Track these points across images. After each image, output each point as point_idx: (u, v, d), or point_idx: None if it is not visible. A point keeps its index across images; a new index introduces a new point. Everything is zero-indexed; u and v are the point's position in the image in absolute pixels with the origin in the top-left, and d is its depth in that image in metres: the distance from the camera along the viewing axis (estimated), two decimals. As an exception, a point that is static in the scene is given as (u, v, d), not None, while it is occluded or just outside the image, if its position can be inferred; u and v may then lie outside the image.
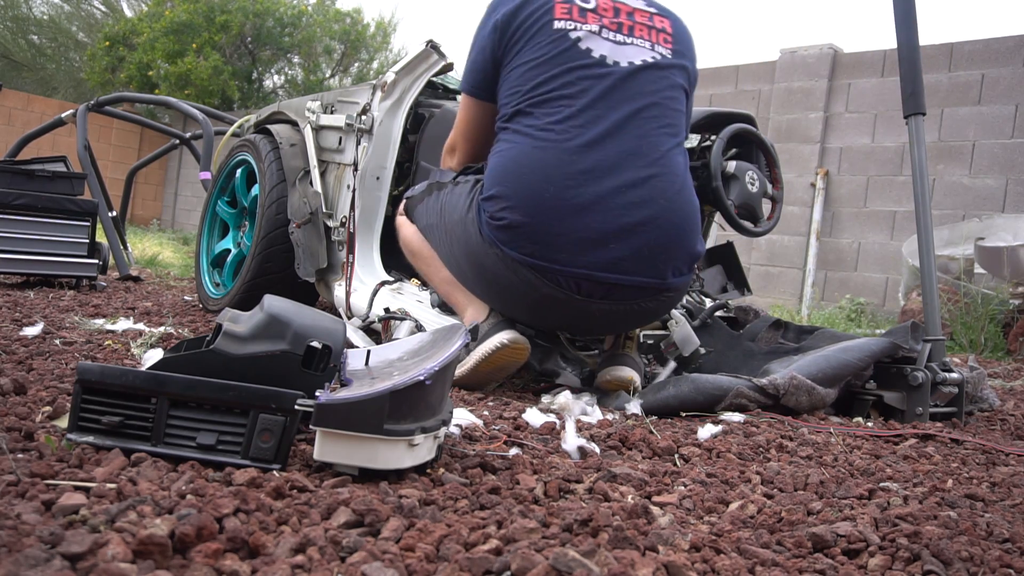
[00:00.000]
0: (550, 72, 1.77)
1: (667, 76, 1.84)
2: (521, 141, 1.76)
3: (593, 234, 1.70)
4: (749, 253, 6.18)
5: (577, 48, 1.78)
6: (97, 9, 14.43)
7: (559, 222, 1.70)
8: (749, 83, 6.48)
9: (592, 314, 1.79)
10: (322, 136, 2.65)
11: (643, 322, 1.94)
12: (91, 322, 2.34)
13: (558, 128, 1.73)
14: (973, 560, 0.91)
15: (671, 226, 1.76)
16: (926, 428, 1.77)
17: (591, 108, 1.74)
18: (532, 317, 1.86)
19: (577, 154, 1.71)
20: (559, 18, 1.81)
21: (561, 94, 1.75)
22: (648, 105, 1.79)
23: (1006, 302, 4.16)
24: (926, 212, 2.07)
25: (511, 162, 1.75)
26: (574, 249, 1.70)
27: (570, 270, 1.71)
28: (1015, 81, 5.15)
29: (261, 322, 1.15)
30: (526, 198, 1.71)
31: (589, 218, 1.70)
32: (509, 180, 1.74)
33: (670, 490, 1.15)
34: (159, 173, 11.87)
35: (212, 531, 0.77)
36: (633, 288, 1.76)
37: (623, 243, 1.71)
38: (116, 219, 4.56)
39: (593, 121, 1.73)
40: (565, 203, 1.69)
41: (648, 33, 1.87)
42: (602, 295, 1.75)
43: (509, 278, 1.76)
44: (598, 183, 1.71)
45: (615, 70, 1.78)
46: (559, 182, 1.70)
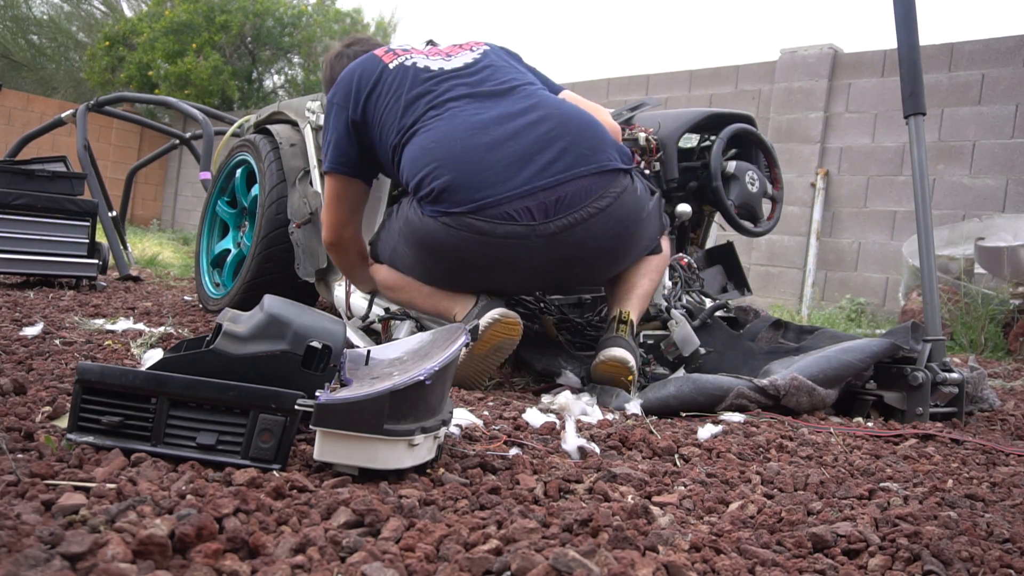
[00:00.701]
0: (408, 95, 1.95)
1: (497, 60, 2.04)
2: (420, 138, 1.89)
3: (514, 157, 1.81)
4: (749, 253, 6.17)
5: (416, 68, 2.00)
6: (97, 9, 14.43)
7: (480, 161, 1.80)
8: (749, 83, 6.48)
9: (557, 242, 1.81)
10: (322, 136, 2.65)
11: (612, 254, 1.94)
12: (91, 322, 2.34)
13: (445, 118, 1.88)
14: (973, 560, 0.91)
15: (576, 122, 1.89)
16: (926, 428, 1.77)
17: (461, 98, 1.91)
18: (512, 276, 1.88)
19: (468, 123, 1.86)
20: (388, 62, 2.04)
21: (429, 103, 1.92)
22: (503, 79, 1.97)
23: (1006, 302, 4.16)
24: (926, 212, 2.07)
25: (418, 150, 1.87)
26: (506, 175, 1.79)
27: (510, 194, 1.78)
28: (1015, 81, 5.15)
29: (261, 322, 1.15)
30: (444, 160, 1.83)
31: (504, 148, 1.82)
32: (420, 160, 1.86)
33: (670, 490, 1.15)
34: (159, 173, 11.87)
35: (212, 531, 0.77)
36: (576, 184, 1.81)
37: (545, 151, 1.82)
38: (116, 219, 4.56)
39: (470, 100, 1.91)
40: (477, 146, 1.82)
41: (462, 47, 2.10)
42: (556, 211, 1.79)
43: (471, 245, 1.80)
44: (497, 127, 1.85)
45: (455, 72, 1.99)
46: (465, 137, 1.83)
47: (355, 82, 2.02)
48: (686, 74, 6.75)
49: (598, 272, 2.01)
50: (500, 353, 1.85)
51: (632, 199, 1.89)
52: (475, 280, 1.90)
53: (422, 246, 1.89)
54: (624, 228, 1.90)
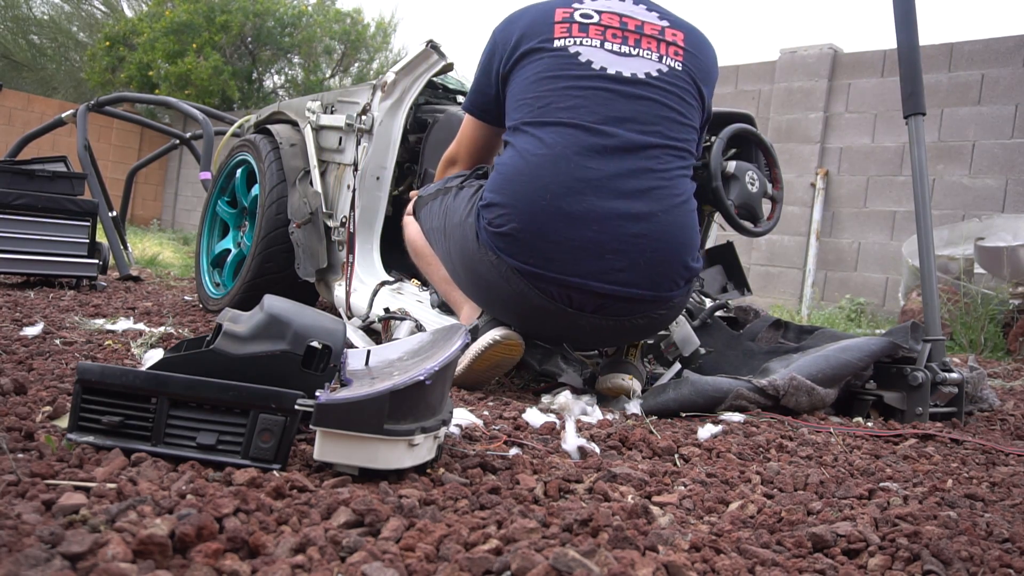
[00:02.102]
0: (550, 86, 1.76)
1: (675, 88, 1.80)
2: (522, 151, 1.75)
3: (589, 244, 1.69)
4: (749, 253, 6.17)
5: (576, 61, 1.77)
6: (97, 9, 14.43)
7: (555, 231, 1.69)
8: (749, 83, 6.48)
9: (582, 327, 1.78)
10: (322, 136, 2.65)
11: (633, 338, 1.94)
12: (91, 322, 2.34)
13: (558, 140, 1.72)
14: (973, 560, 0.91)
15: (669, 239, 1.73)
16: (926, 428, 1.77)
17: (592, 120, 1.72)
18: (523, 326, 1.85)
19: (576, 165, 1.69)
20: (558, 37, 1.80)
21: (561, 106, 1.74)
22: (652, 118, 1.75)
23: (1006, 302, 4.16)
24: (926, 212, 2.07)
25: (511, 171, 1.75)
26: (568, 258, 1.69)
27: (563, 278, 1.70)
28: (1015, 81, 5.15)
29: (261, 322, 1.15)
30: (523, 207, 1.70)
31: (586, 228, 1.68)
32: (508, 189, 1.73)
33: (670, 490, 1.15)
34: (159, 173, 11.87)
35: (212, 531, 0.77)
36: (626, 301, 1.74)
37: (620, 255, 1.70)
38: (116, 219, 4.56)
39: (593, 133, 1.71)
40: (562, 212, 1.68)
41: (656, 45, 1.83)
42: (593, 308, 1.74)
43: (501, 286, 1.76)
44: (596, 194, 1.69)
45: (617, 81, 1.76)
46: (557, 192, 1.69)
47: (516, 36, 1.84)
48: (686, 74, 6.74)
49: (622, 342, 1.99)
50: (499, 369, 1.86)
51: (670, 316, 1.87)
52: (490, 308, 1.87)
53: (459, 254, 1.85)
54: (651, 331, 1.92)
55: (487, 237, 1.75)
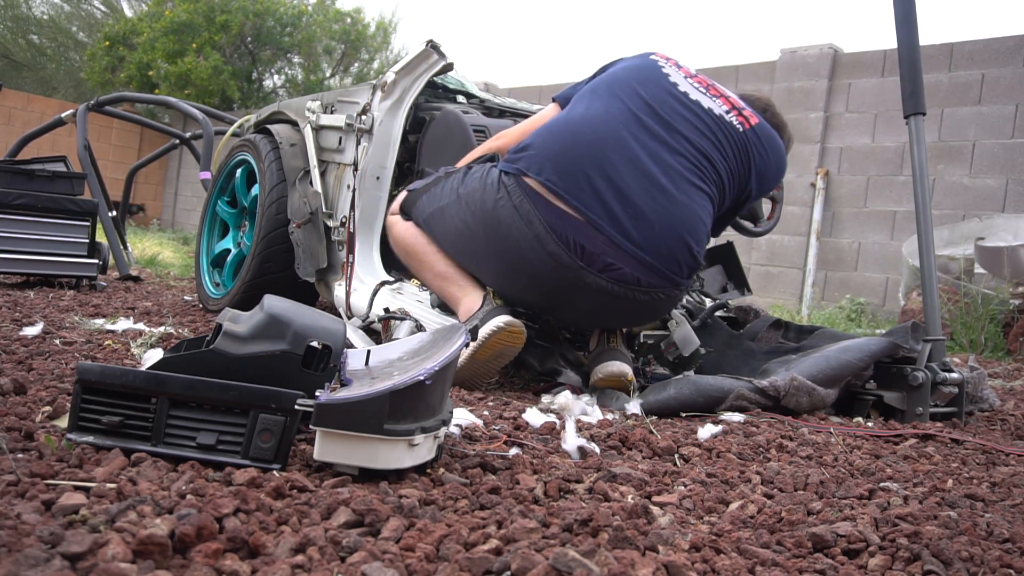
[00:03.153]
0: (625, 76, 1.95)
1: (728, 139, 1.92)
2: (571, 112, 1.91)
3: (617, 193, 1.78)
4: (749, 253, 6.17)
5: (662, 74, 1.97)
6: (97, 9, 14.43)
7: (591, 166, 1.80)
8: (749, 83, 6.48)
9: (587, 290, 1.80)
10: (322, 136, 2.65)
11: (629, 318, 1.96)
12: (91, 322, 2.34)
13: (611, 110, 1.87)
14: (973, 560, 0.91)
15: (683, 219, 1.82)
16: (926, 428, 1.77)
17: (647, 113, 1.87)
18: (531, 285, 1.86)
19: (624, 139, 1.83)
20: (655, 58, 2.03)
21: (626, 91, 1.90)
22: (704, 142, 1.88)
23: (1006, 302, 4.16)
24: (926, 212, 2.07)
25: (554, 124, 1.92)
26: (594, 195, 1.78)
27: (586, 212, 1.77)
28: (1015, 81, 5.15)
29: (261, 322, 1.15)
30: (559, 147, 1.83)
31: (618, 180, 1.79)
32: (545, 135, 1.88)
33: (670, 490, 1.15)
34: (159, 173, 11.86)
35: (212, 531, 0.77)
36: (633, 264, 1.79)
37: (640, 218, 1.78)
38: (116, 219, 4.56)
39: (649, 121, 1.86)
40: (601, 156, 1.80)
41: (729, 103, 1.98)
42: (601, 266, 1.78)
43: (520, 229, 1.79)
44: (630, 156, 1.81)
45: (688, 101, 1.92)
46: (594, 141, 1.82)
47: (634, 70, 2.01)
48: (686, 74, 6.75)
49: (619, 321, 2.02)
50: (502, 359, 1.85)
51: (669, 302, 1.92)
52: (501, 270, 1.89)
53: (479, 212, 1.87)
54: (645, 317, 1.97)
55: (511, 167, 1.84)
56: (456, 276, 1.97)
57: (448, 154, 2.40)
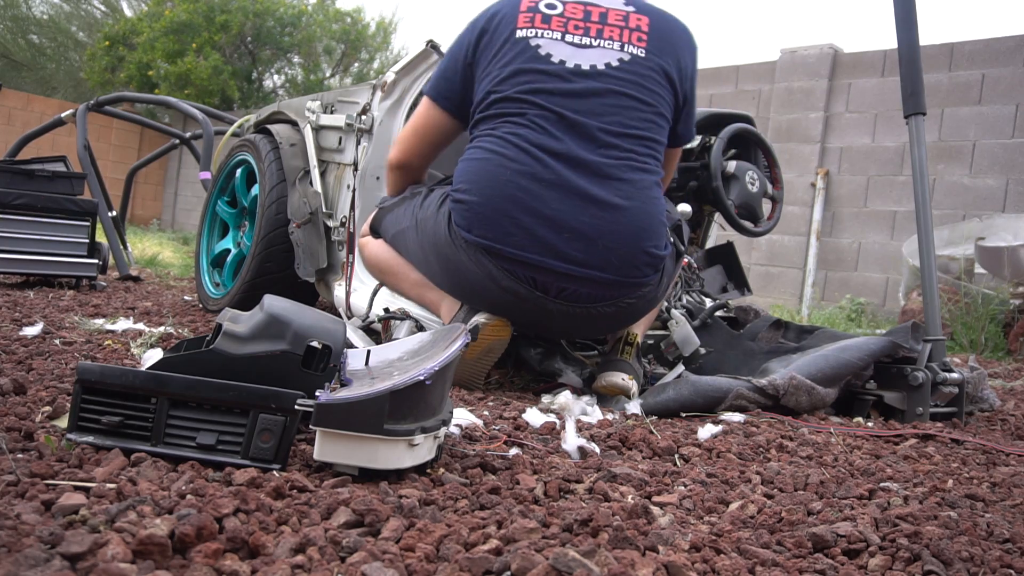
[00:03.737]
0: (510, 81, 1.79)
1: (635, 77, 1.79)
2: (485, 147, 1.79)
3: (546, 222, 1.72)
4: (749, 253, 6.17)
5: (536, 54, 1.79)
6: (97, 9, 14.43)
7: (514, 208, 1.72)
8: (749, 83, 6.48)
9: (552, 314, 1.79)
10: (322, 136, 2.65)
11: (604, 328, 1.95)
12: (91, 322, 2.34)
13: (520, 136, 1.75)
14: (973, 560, 0.91)
15: (628, 225, 1.75)
16: (926, 428, 1.77)
17: (550, 116, 1.75)
18: (497, 312, 1.84)
19: (535, 160, 1.73)
20: (521, 27, 1.83)
21: (522, 99, 1.77)
22: (610, 109, 1.76)
23: (1006, 302, 4.16)
24: (926, 212, 2.07)
25: (476, 160, 1.79)
26: (526, 236, 1.72)
27: (522, 255, 1.72)
28: (1015, 81, 5.15)
29: (261, 322, 1.15)
30: (486, 187, 1.75)
31: (544, 207, 1.72)
32: (472, 173, 1.78)
33: (670, 490, 1.15)
34: (159, 173, 11.86)
35: (212, 531, 0.77)
36: (587, 283, 1.75)
37: (577, 236, 1.72)
38: (116, 219, 4.56)
39: (553, 128, 1.75)
40: (521, 190, 1.72)
41: (620, 33, 1.83)
42: (556, 292, 1.76)
43: (472, 270, 1.78)
44: (555, 183, 1.72)
45: (575, 74, 1.77)
46: (517, 176, 1.73)
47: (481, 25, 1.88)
48: (686, 74, 6.74)
49: (598, 332, 2.01)
50: (492, 355, 1.85)
51: (641, 306, 1.86)
52: (469, 299, 1.87)
53: (432, 244, 1.86)
54: (621, 323, 1.92)
55: (455, 217, 1.79)
56: (429, 284, 1.97)
57: (446, 155, 2.40)
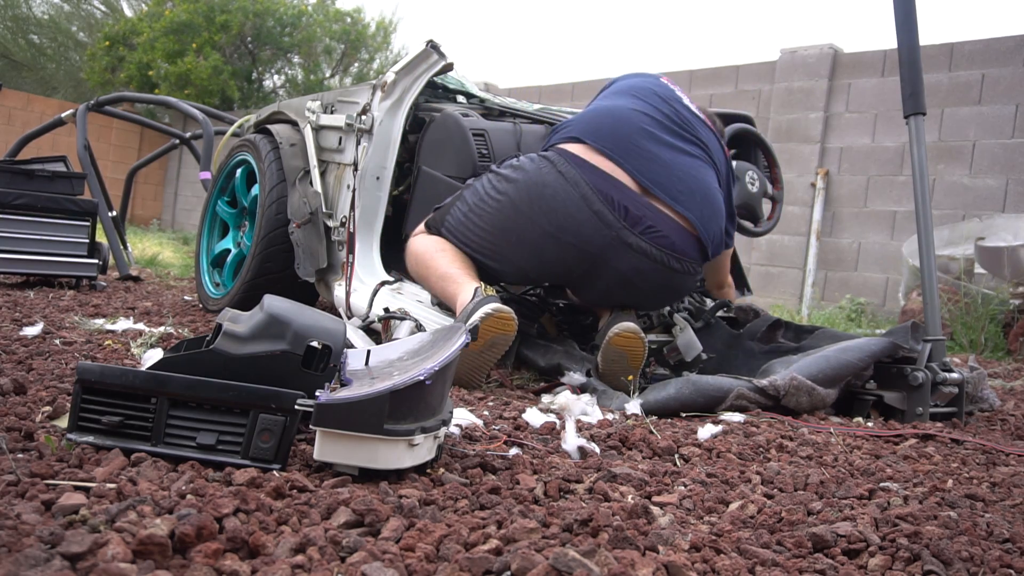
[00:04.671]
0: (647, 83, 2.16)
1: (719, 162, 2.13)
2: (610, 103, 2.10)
3: (661, 165, 1.95)
4: (749, 253, 6.17)
5: (667, 87, 2.18)
6: (97, 9, 14.42)
7: (632, 135, 1.97)
8: (749, 83, 6.48)
9: (627, 250, 1.89)
10: (322, 136, 2.65)
11: (656, 290, 2.03)
12: (91, 322, 2.34)
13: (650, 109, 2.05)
14: (973, 560, 0.91)
15: (718, 204, 2.04)
16: (926, 428, 1.77)
17: (669, 119, 2.05)
18: (570, 247, 1.92)
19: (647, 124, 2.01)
20: (665, 80, 2.23)
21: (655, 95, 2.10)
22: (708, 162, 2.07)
23: (1006, 302, 4.16)
24: (926, 212, 2.07)
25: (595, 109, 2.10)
26: (642, 161, 1.93)
27: (634, 172, 1.92)
28: (1015, 81, 5.15)
29: (261, 322, 1.15)
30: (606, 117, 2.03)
31: (663, 155, 1.96)
32: (583, 118, 2.07)
33: (670, 490, 1.15)
34: (159, 173, 11.86)
35: (212, 531, 0.77)
36: (675, 227, 1.91)
37: (684, 184, 1.95)
38: (116, 219, 4.56)
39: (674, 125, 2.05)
40: (638, 133, 1.98)
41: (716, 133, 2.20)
42: (644, 228, 1.89)
43: (567, 192, 1.90)
44: (665, 147, 1.99)
45: (694, 115, 2.13)
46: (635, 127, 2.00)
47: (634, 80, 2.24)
48: (686, 74, 6.75)
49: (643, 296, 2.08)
50: (495, 349, 1.84)
51: (689, 282, 2.06)
52: (539, 244, 1.95)
53: (525, 185, 1.95)
54: (670, 292, 2.08)
55: (566, 136, 2.01)
56: (456, 275, 1.98)
57: (446, 157, 2.40)
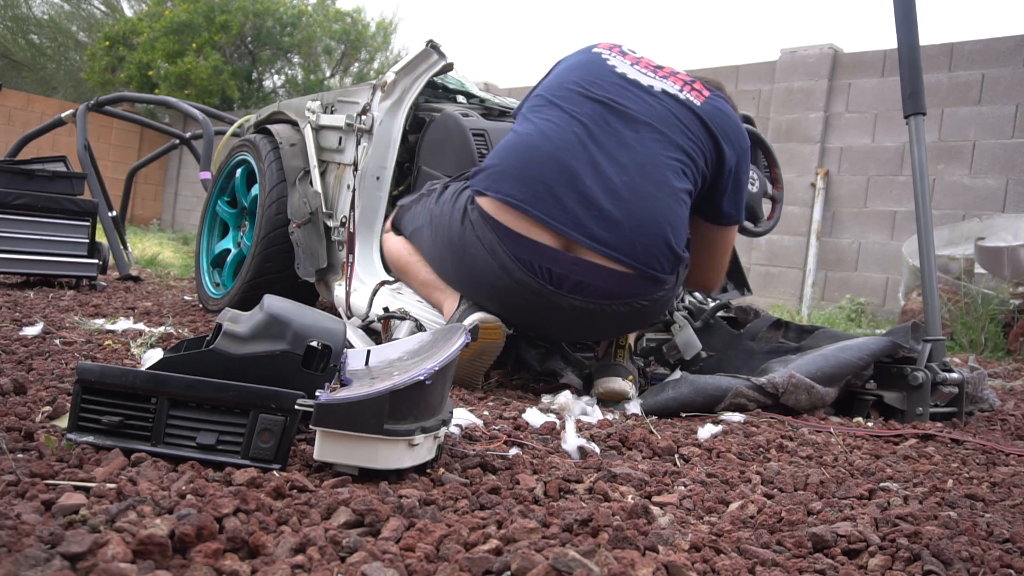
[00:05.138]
0: (574, 75, 1.90)
1: (688, 117, 1.86)
2: (528, 127, 1.86)
3: (579, 198, 1.75)
4: (749, 253, 6.17)
5: (605, 65, 1.92)
6: (97, 9, 14.42)
7: (549, 174, 1.76)
8: (749, 83, 6.48)
9: (563, 311, 1.78)
10: (322, 136, 2.65)
11: (613, 331, 1.94)
12: (91, 322, 2.34)
13: (561, 117, 1.83)
14: (973, 560, 0.91)
15: (656, 213, 1.76)
16: (926, 428, 1.77)
17: (604, 112, 1.82)
18: (506, 311, 1.85)
19: (567, 146, 1.79)
20: (599, 49, 1.98)
21: (578, 92, 1.86)
22: (662, 130, 1.82)
23: (1006, 302, 4.16)
24: (926, 212, 2.07)
25: (513, 137, 1.87)
26: (556, 204, 1.74)
27: (548, 221, 1.74)
28: (1015, 81, 5.15)
29: (261, 322, 1.15)
30: (518, 157, 1.81)
31: (576, 180, 1.75)
32: (503, 151, 1.86)
33: (670, 490, 1.15)
34: (159, 173, 11.86)
35: (212, 531, 0.77)
36: (606, 275, 1.74)
37: (605, 215, 1.74)
38: (116, 219, 4.56)
39: (603, 125, 1.81)
40: (555, 161, 1.77)
41: (682, 84, 1.93)
42: (572, 287, 1.75)
43: (486, 262, 1.78)
44: (587, 169, 1.77)
45: (636, 85, 1.88)
46: (553, 147, 1.79)
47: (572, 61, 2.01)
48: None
49: (603, 335, 1.99)
50: (485, 357, 1.85)
51: (653, 308, 1.86)
52: (478, 294, 1.88)
53: (445, 238, 1.88)
54: (629, 327, 1.92)
55: (473, 190, 1.83)
56: (438, 282, 2.00)
57: (446, 157, 2.40)
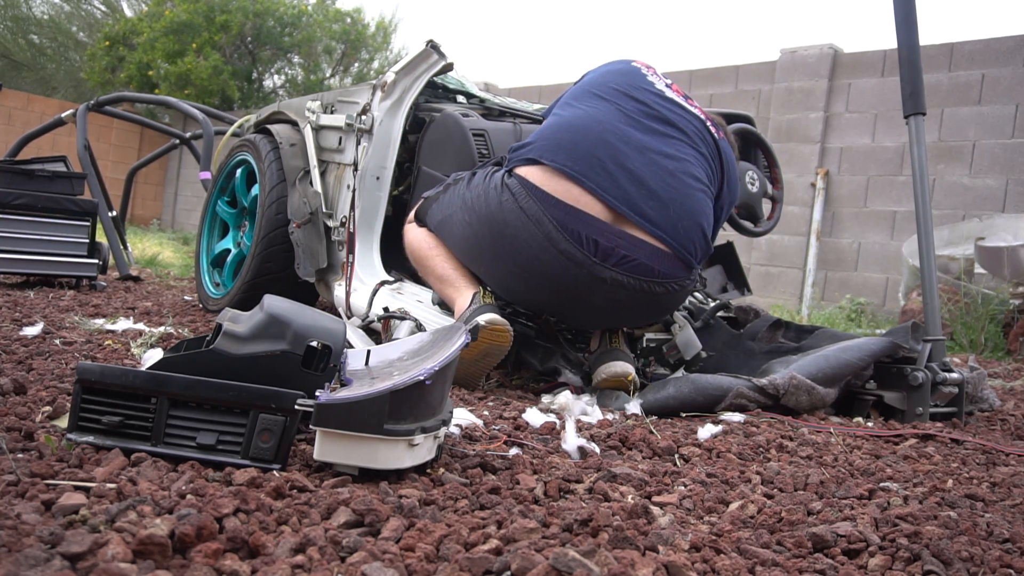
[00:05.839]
0: (616, 79, 1.98)
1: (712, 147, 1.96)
2: (575, 111, 1.91)
3: (629, 176, 1.80)
4: (749, 253, 6.17)
5: (645, 79, 2.00)
6: (97, 9, 14.42)
7: (603, 150, 1.81)
8: (749, 83, 6.48)
9: (601, 284, 1.78)
10: (322, 136, 2.65)
11: (642, 313, 1.95)
12: (91, 322, 2.34)
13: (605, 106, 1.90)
14: (973, 560, 0.91)
15: (694, 208, 1.85)
16: (926, 428, 1.77)
17: (648, 112, 1.90)
18: (543, 285, 1.84)
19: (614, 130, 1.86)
20: (637, 65, 2.06)
21: (622, 92, 1.93)
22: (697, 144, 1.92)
23: (1006, 302, 4.16)
24: (926, 212, 2.07)
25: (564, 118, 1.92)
26: (608, 178, 1.79)
27: (600, 192, 1.78)
28: (1015, 81, 5.15)
29: (261, 322, 1.15)
30: (576, 129, 1.86)
31: (628, 164, 1.81)
32: (548, 131, 1.89)
33: (670, 490, 1.15)
34: (159, 173, 11.86)
35: (212, 531, 0.77)
36: (649, 251, 1.79)
37: (654, 198, 1.80)
38: (116, 219, 4.56)
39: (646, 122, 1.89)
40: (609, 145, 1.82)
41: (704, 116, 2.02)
42: (617, 260, 1.77)
43: (530, 232, 1.78)
44: (634, 152, 1.83)
45: (674, 103, 1.96)
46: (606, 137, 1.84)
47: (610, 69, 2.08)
48: (686, 74, 6.75)
49: (627, 320, 2.02)
50: (490, 358, 1.84)
51: (680, 295, 1.92)
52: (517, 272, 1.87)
53: (484, 215, 1.87)
54: (657, 312, 1.98)
55: (525, 156, 1.85)
56: (454, 278, 1.98)
57: (446, 157, 2.40)
